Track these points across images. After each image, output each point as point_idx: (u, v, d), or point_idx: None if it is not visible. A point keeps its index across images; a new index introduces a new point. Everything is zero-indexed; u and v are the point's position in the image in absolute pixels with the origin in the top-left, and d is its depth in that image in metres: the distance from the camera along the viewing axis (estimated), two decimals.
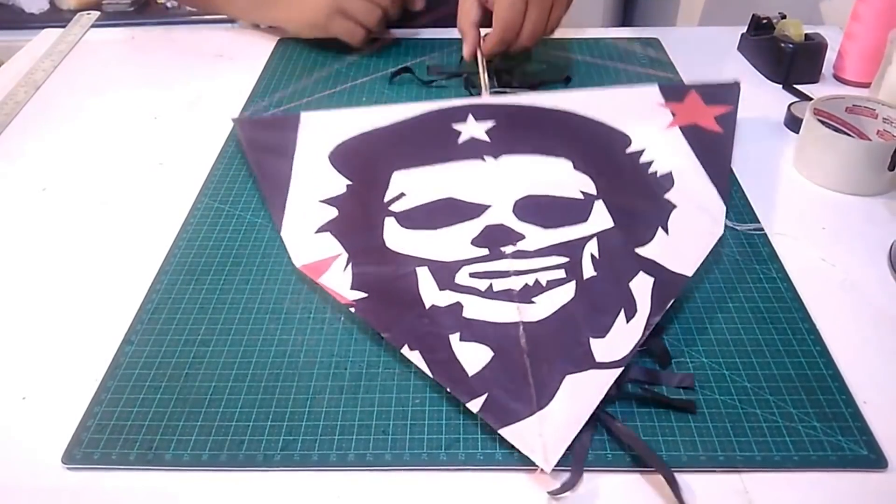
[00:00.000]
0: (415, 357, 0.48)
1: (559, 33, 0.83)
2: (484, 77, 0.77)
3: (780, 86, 0.82)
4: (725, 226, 0.57)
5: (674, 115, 0.67)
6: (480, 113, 0.66)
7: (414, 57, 0.87)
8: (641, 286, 0.52)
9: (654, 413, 0.46)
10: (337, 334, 0.52)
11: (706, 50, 0.91)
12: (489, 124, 0.65)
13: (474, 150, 0.63)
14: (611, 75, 0.85)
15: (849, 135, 0.69)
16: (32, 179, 0.69)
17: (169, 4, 1.52)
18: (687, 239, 0.56)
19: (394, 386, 0.48)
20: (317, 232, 0.58)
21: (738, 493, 0.42)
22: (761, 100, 0.79)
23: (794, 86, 0.81)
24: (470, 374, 0.47)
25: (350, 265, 0.55)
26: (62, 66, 0.89)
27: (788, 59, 0.81)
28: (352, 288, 0.53)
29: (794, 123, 0.74)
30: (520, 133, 0.65)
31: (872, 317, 0.54)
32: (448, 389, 0.46)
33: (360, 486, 0.43)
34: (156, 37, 0.96)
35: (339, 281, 0.54)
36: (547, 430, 0.43)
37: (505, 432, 0.44)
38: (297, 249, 0.57)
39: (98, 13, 1.02)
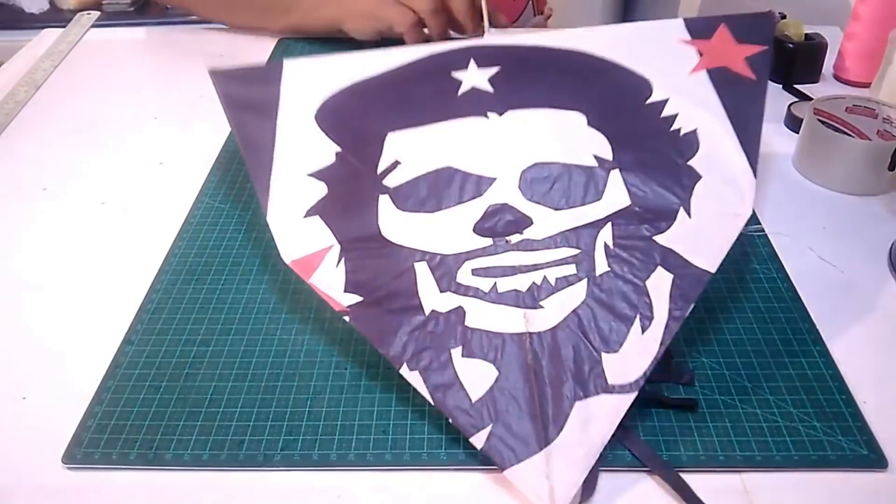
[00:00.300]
0: (414, 380, 0.45)
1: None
2: (485, 8, 0.70)
3: (780, 86, 0.82)
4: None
5: (700, 54, 0.58)
6: (483, 57, 0.58)
7: None
8: (659, 285, 0.47)
9: (654, 413, 0.46)
10: (337, 334, 0.52)
11: None
12: (493, 70, 0.58)
13: (476, 104, 0.57)
14: None
15: (849, 135, 0.69)
16: (32, 179, 0.69)
17: (169, 4, 1.52)
18: (711, 223, 0.50)
19: (394, 386, 0.48)
20: (306, 216, 0.51)
21: (738, 493, 0.42)
22: None
23: (794, 86, 0.81)
24: (473, 401, 0.44)
25: (343, 259, 0.50)
26: (62, 66, 0.89)
27: (788, 59, 0.81)
28: (345, 290, 0.49)
29: (794, 123, 0.74)
30: (528, 81, 0.58)
31: (872, 317, 0.54)
32: (450, 420, 0.44)
33: (360, 486, 0.43)
34: (156, 37, 0.96)
35: (332, 280, 0.49)
36: (555, 471, 0.41)
37: (509, 474, 0.41)
38: (285, 240, 0.50)
39: (98, 13, 1.02)
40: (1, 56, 0.99)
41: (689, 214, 0.51)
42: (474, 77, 0.58)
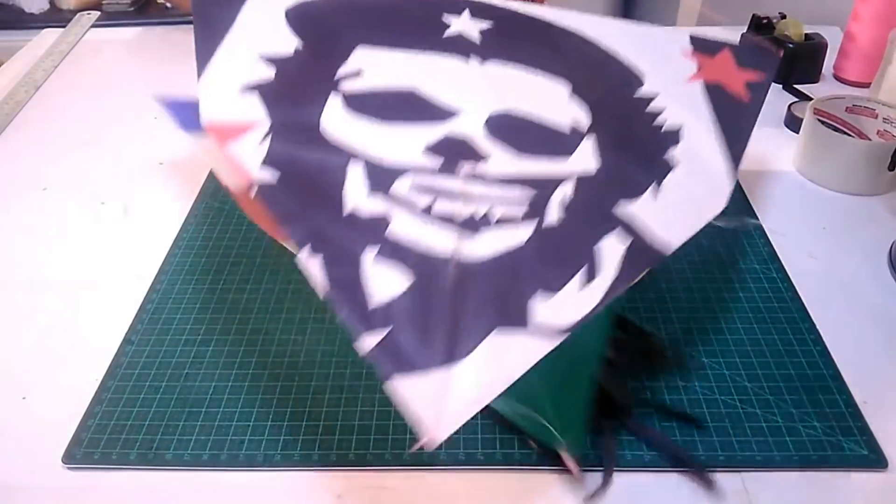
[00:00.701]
0: (313, 265, 0.39)
1: None
2: None
3: (781, 86, 0.82)
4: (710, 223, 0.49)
5: (699, 68, 0.57)
6: (480, 10, 0.56)
7: None
8: (611, 249, 0.43)
9: (654, 412, 0.46)
10: (337, 334, 0.52)
11: None
12: (486, 24, 0.55)
13: (459, 47, 0.54)
14: None
15: (849, 135, 0.69)
16: (32, 179, 0.69)
17: (169, 4, 1.52)
18: (680, 205, 0.47)
19: None
20: (243, 90, 0.47)
21: (739, 493, 0.42)
22: None
23: (795, 86, 0.81)
24: (374, 303, 0.38)
25: (269, 138, 0.45)
26: (62, 66, 0.89)
27: (788, 59, 0.81)
28: (262, 164, 0.43)
29: (794, 123, 0.74)
30: (518, 42, 0.55)
31: (872, 317, 0.54)
32: (341, 315, 0.38)
33: (360, 486, 0.43)
34: (156, 37, 0.96)
35: (249, 154, 0.44)
36: (448, 398, 0.35)
37: (395, 384, 0.35)
38: (211, 103, 0.46)
39: (98, 13, 1.02)
40: (1, 56, 0.99)
41: (657, 193, 0.47)
42: (465, 24, 0.55)
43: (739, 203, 0.64)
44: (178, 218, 0.63)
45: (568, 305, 0.40)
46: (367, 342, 0.36)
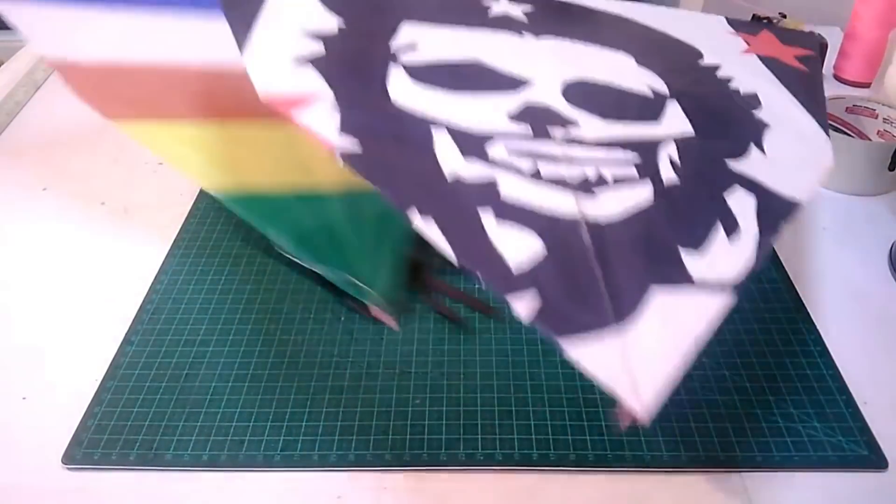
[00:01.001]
0: (431, 230, 0.34)
1: None
2: None
3: None
4: None
5: (748, 44, 0.54)
6: None
7: None
8: (742, 203, 0.39)
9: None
10: (337, 334, 0.52)
11: None
12: (527, 7, 0.51)
13: (509, 24, 0.49)
14: None
15: (849, 135, 0.69)
16: (32, 179, 0.69)
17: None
18: (789, 163, 0.43)
19: (394, 386, 0.48)
20: (296, 63, 0.43)
21: (739, 493, 0.42)
22: None
23: None
24: (517, 268, 0.34)
25: (337, 108, 0.40)
26: None
27: None
28: (341, 131, 0.39)
29: None
30: (566, 20, 0.51)
31: (872, 317, 0.54)
32: (483, 278, 0.33)
33: (360, 486, 0.43)
34: None
35: (323, 120, 0.39)
36: (637, 362, 0.32)
37: (571, 348, 0.32)
38: (266, 77, 0.41)
39: None
40: (1, 56, 0.99)
41: (763, 151, 0.43)
42: (506, 6, 0.51)
43: None
44: (178, 218, 0.63)
45: (724, 260, 0.36)
46: (526, 309, 0.32)
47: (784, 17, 0.83)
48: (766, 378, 0.49)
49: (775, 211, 0.39)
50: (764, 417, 0.46)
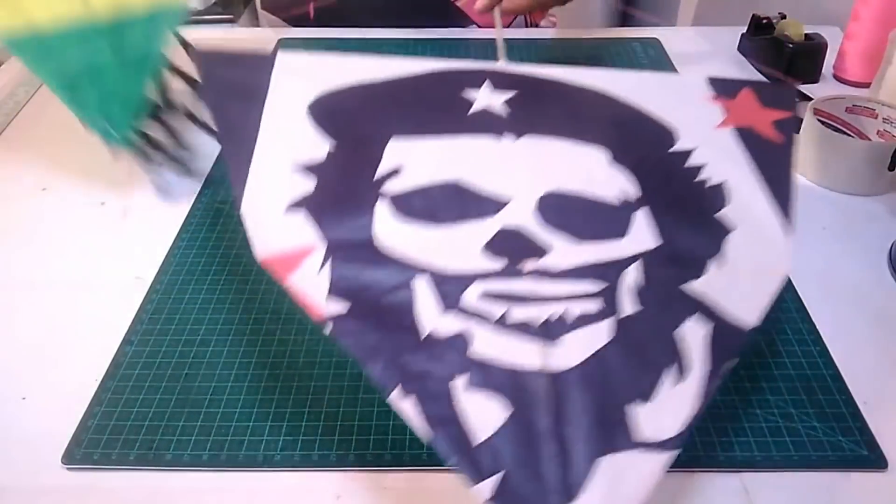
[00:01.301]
0: (407, 407, 0.38)
1: (559, 33, 0.82)
2: (500, 40, 0.68)
3: None
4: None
5: (726, 112, 0.55)
6: (499, 80, 0.54)
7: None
8: (694, 336, 0.41)
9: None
10: None
11: (706, 50, 0.91)
12: (509, 94, 0.53)
13: (489, 125, 0.52)
14: None
15: (849, 135, 0.69)
16: (32, 179, 0.69)
17: None
18: (747, 278, 0.45)
19: None
20: (288, 210, 0.45)
21: (738, 493, 0.42)
22: None
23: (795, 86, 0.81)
24: (478, 441, 0.37)
25: (328, 263, 0.43)
26: None
27: (788, 60, 0.81)
28: (329, 294, 0.42)
29: None
30: (546, 109, 0.54)
31: (872, 317, 0.54)
32: (450, 463, 0.36)
33: (360, 486, 0.43)
34: None
35: (313, 284, 0.42)
36: None
37: None
38: (261, 235, 0.44)
39: None
40: (1, 56, 0.98)
41: (720, 267, 0.45)
42: (488, 98, 0.53)
43: None
44: (178, 218, 0.63)
45: (670, 411, 0.38)
46: (483, 490, 0.35)
47: (784, 17, 0.83)
48: (765, 378, 0.49)
49: (728, 342, 0.41)
50: (764, 417, 0.46)
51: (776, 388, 0.48)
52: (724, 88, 0.56)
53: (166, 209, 0.65)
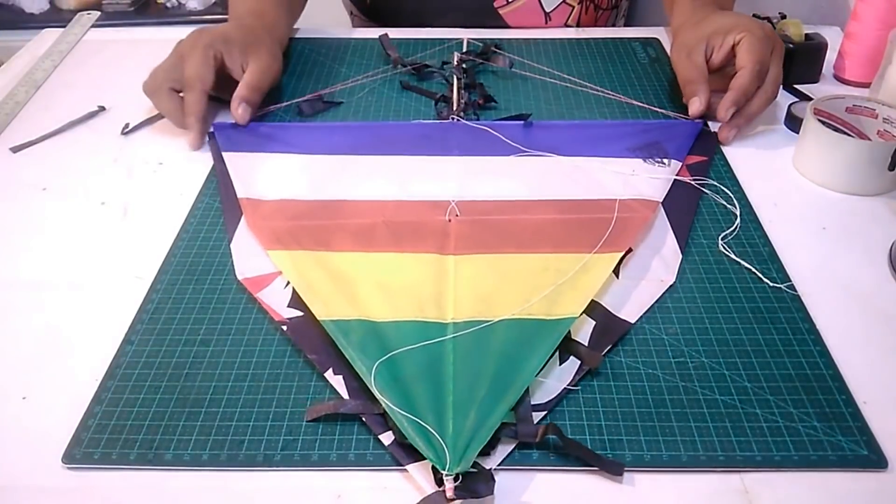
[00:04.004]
0: (337, 382, 0.48)
1: (564, 33, 0.82)
2: (456, 97, 0.78)
3: (781, 86, 0.82)
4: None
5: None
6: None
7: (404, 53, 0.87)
8: (580, 329, 0.52)
9: (654, 413, 0.46)
10: None
11: None
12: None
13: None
14: (611, 75, 0.85)
15: (849, 135, 0.69)
16: (32, 179, 0.69)
17: (169, 4, 1.52)
18: (637, 285, 0.56)
19: None
20: (263, 249, 0.58)
21: (739, 493, 0.42)
22: None
23: (795, 86, 0.81)
24: (379, 410, 0.46)
25: (289, 286, 0.55)
26: (62, 66, 0.89)
27: (788, 59, 0.81)
28: (289, 305, 0.53)
29: (794, 123, 0.74)
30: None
31: (872, 317, 0.54)
32: (362, 419, 0.46)
33: (360, 486, 0.43)
34: (156, 37, 0.96)
35: (278, 297, 0.54)
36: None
37: (411, 470, 0.43)
38: (242, 262, 0.58)
39: (98, 13, 1.02)
40: (1, 56, 0.99)
41: (617, 276, 0.56)
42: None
43: (741, 205, 0.64)
44: (178, 218, 0.63)
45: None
46: (385, 438, 0.45)
47: (784, 17, 0.83)
48: (766, 378, 0.49)
49: (608, 332, 0.52)
50: (764, 417, 0.46)
51: (776, 388, 0.48)
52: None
53: (166, 209, 0.65)
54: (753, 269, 0.57)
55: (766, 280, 0.56)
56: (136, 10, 1.50)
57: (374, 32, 0.94)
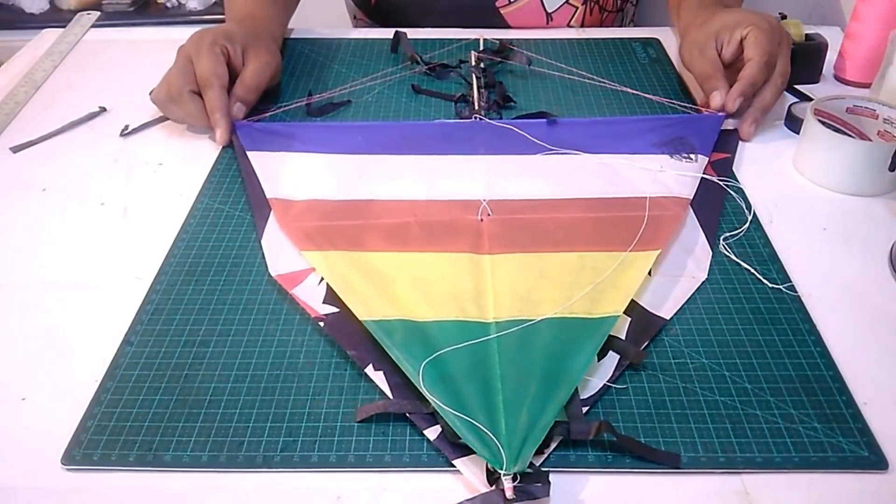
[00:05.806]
0: (378, 378, 0.48)
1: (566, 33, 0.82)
2: (476, 97, 0.78)
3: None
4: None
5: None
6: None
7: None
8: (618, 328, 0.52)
9: (654, 414, 0.46)
10: None
11: None
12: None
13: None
14: (611, 75, 0.85)
15: (849, 135, 0.69)
16: (32, 179, 0.69)
17: (169, 4, 1.52)
18: (670, 282, 0.56)
19: None
20: (296, 248, 0.58)
21: (739, 494, 0.42)
22: None
23: (795, 86, 0.81)
24: (428, 410, 0.46)
25: (324, 281, 0.55)
26: (62, 66, 0.89)
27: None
28: (324, 302, 0.53)
29: (794, 124, 0.74)
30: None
31: (872, 317, 0.54)
32: (406, 415, 0.46)
33: (360, 486, 0.43)
34: (156, 37, 0.96)
35: (313, 293, 0.54)
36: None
37: (460, 465, 0.43)
38: (274, 259, 0.58)
39: (98, 13, 1.02)
40: (1, 56, 0.99)
41: (650, 273, 0.56)
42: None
43: (742, 204, 0.64)
44: (178, 218, 0.63)
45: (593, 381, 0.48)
46: (431, 433, 0.45)
47: (784, 17, 0.83)
48: (766, 378, 0.49)
49: (644, 329, 0.52)
50: (764, 418, 0.46)
51: (776, 388, 0.48)
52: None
53: (166, 209, 0.65)
54: (753, 270, 0.57)
55: (766, 281, 0.56)
56: (136, 10, 1.50)
57: (375, 33, 0.94)
